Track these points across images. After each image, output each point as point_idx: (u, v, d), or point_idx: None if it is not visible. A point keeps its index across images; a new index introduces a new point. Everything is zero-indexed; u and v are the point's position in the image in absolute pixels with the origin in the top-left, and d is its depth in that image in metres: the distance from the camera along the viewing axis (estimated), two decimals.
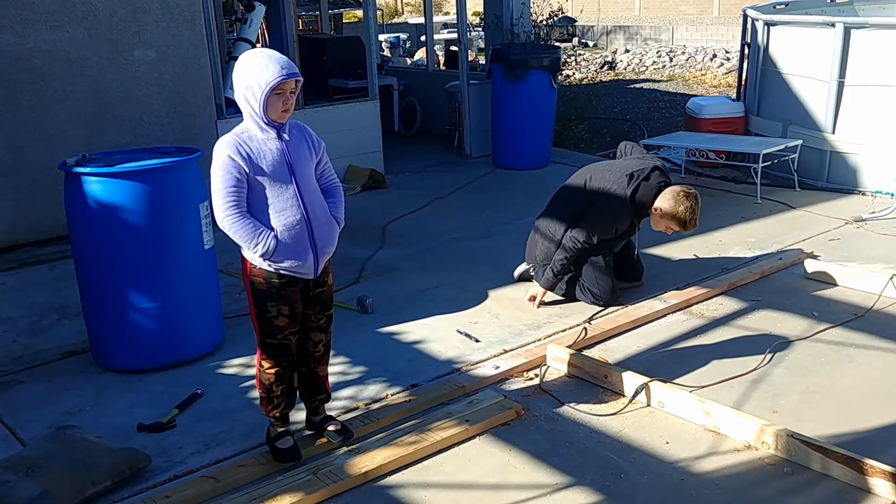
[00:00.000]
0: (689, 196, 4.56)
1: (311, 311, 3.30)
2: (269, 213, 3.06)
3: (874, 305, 4.64)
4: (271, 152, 3.05)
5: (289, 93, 3.00)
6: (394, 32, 20.47)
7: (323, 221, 3.17)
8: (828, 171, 7.24)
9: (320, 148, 3.23)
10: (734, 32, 22.54)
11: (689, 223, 4.57)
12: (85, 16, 6.06)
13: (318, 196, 3.19)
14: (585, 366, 3.95)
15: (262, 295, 3.15)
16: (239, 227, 3.01)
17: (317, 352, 3.39)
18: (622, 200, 4.62)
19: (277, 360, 3.22)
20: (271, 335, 3.19)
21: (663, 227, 4.67)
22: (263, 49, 3.09)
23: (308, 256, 3.13)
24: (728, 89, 14.23)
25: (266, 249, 3.03)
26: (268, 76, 2.92)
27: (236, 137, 3.03)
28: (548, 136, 8.43)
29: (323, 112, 7.69)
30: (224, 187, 2.99)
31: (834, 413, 3.57)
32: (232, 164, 2.99)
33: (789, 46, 7.71)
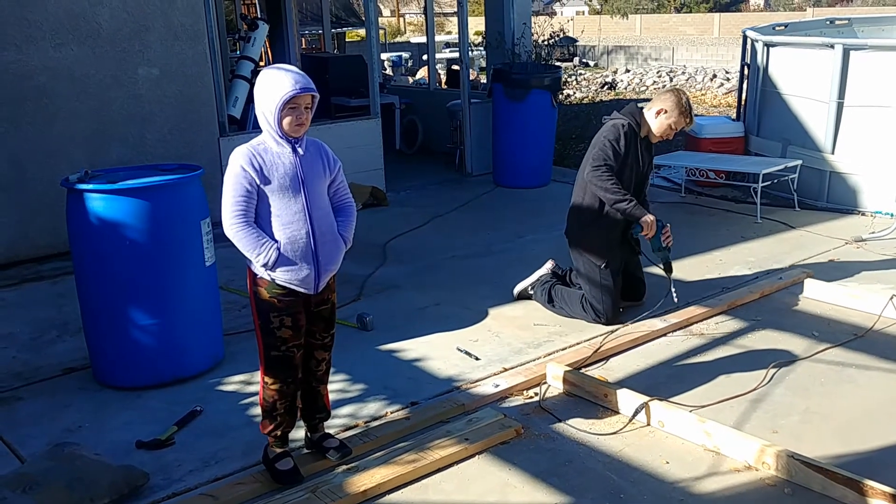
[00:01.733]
0: (678, 90, 4.82)
1: (316, 328, 3.32)
2: (275, 225, 3.10)
3: (874, 326, 4.64)
4: (283, 165, 3.09)
5: (303, 107, 3.05)
6: (396, 51, 20.60)
7: (328, 239, 3.19)
8: (827, 192, 7.27)
9: (336, 166, 3.27)
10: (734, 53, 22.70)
11: (689, 112, 4.74)
12: (89, 34, 6.11)
13: (328, 213, 3.22)
14: (585, 384, 3.95)
15: (265, 305, 3.17)
16: (243, 236, 3.06)
17: (319, 370, 3.40)
18: (613, 125, 4.73)
19: (281, 376, 3.22)
20: (275, 347, 3.20)
21: (666, 127, 4.73)
22: (282, 65, 3.16)
23: (309, 271, 3.15)
24: (728, 109, 14.31)
25: (267, 260, 3.07)
26: (281, 90, 2.98)
27: (251, 149, 3.10)
28: (548, 155, 8.47)
29: (325, 129, 7.71)
30: (233, 196, 3.05)
31: (834, 434, 3.57)
32: (243, 175, 3.05)
33: (789, 67, 7.76)
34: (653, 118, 4.74)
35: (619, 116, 4.79)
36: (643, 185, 4.90)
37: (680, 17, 43.66)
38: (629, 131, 4.69)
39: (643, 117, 4.77)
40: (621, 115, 4.79)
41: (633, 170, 4.74)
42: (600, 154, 4.66)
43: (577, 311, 4.86)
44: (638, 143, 4.75)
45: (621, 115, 4.79)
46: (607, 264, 4.74)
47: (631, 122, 4.72)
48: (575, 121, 10.75)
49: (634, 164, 4.74)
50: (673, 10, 47.74)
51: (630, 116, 4.76)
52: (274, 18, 10.36)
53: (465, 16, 8.83)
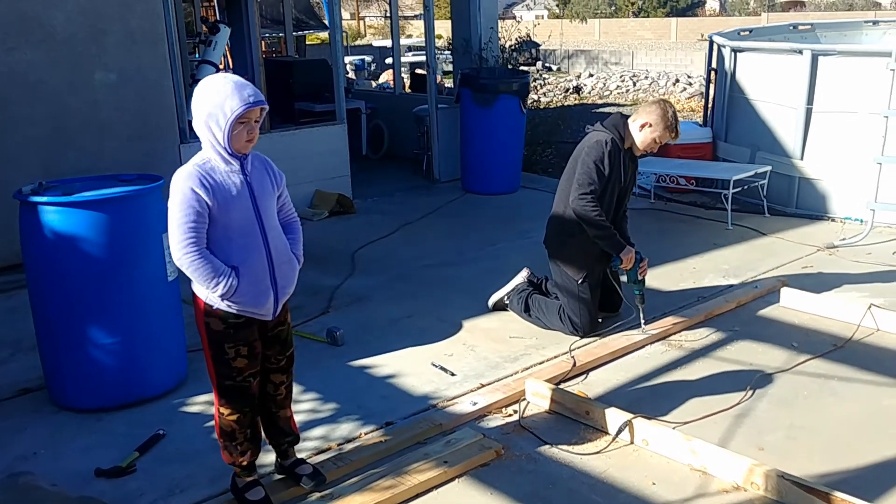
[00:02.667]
0: (664, 102, 4.65)
1: (271, 351, 3.12)
2: (229, 250, 2.87)
3: (853, 336, 4.59)
4: (235, 186, 2.86)
5: (254, 121, 2.84)
6: (358, 55, 20.39)
7: (284, 260, 3.00)
8: (797, 197, 7.25)
9: (281, 181, 3.05)
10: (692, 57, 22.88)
11: (675, 125, 4.57)
12: (43, 38, 5.86)
13: (280, 233, 3.03)
14: (566, 401, 3.83)
15: (218, 336, 2.95)
16: (198, 266, 2.81)
17: (278, 394, 3.20)
18: (597, 142, 4.57)
19: (238, 405, 3.03)
20: (229, 377, 2.99)
21: (650, 141, 4.60)
22: (226, 74, 2.95)
23: (269, 297, 2.96)
24: (692, 114, 14.35)
25: (227, 289, 2.85)
26: (233, 104, 2.75)
27: (199, 168, 2.83)
28: (517, 161, 8.36)
29: (289, 136, 7.54)
30: (185, 222, 2.79)
31: (821, 450, 3.49)
32: (194, 198, 2.78)
33: (757, 73, 7.75)
34: (637, 131, 4.61)
35: (602, 130, 4.64)
36: (624, 198, 4.79)
37: (637, 22, 43.98)
38: (613, 148, 4.55)
39: (627, 130, 4.63)
40: (605, 129, 4.64)
41: (616, 185, 4.62)
42: (585, 179, 4.51)
43: (555, 322, 4.74)
44: (622, 157, 4.61)
45: (605, 129, 4.64)
46: (585, 278, 4.63)
47: (615, 137, 4.58)
48: (542, 126, 10.66)
49: (617, 180, 4.62)
50: (631, 14, 48.08)
51: (614, 130, 4.62)
52: (234, 21, 10.13)
53: (432, 20, 8.69)
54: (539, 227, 4.99)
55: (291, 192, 7.91)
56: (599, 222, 4.53)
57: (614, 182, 4.59)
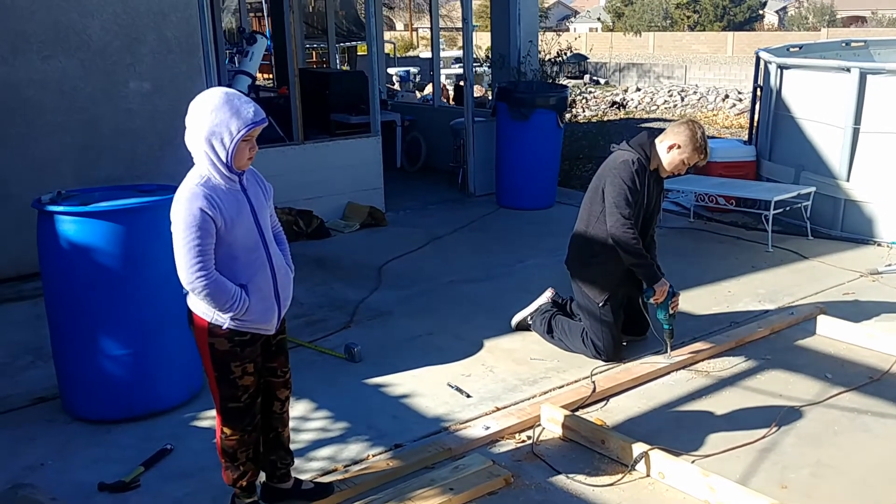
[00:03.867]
0: (693, 123, 4.47)
1: (276, 363, 3.07)
2: (235, 268, 2.82)
3: (891, 368, 4.37)
4: (238, 203, 2.82)
5: (255, 139, 2.81)
6: (405, 66, 20.47)
7: (283, 273, 2.98)
8: (842, 220, 7.00)
9: (271, 192, 3.02)
10: (747, 72, 22.48)
11: (705, 147, 4.42)
12: (79, 46, 5.92)
13: (276, 245, 3.01)
14: (581, 429, 3.70)
15: (224, 357, 2.88)
16: (212, 290, 2.74)
17: (284, 413, 3.15)
18: (623, 162, 4.42)
19: (241, 425, 2.97)
20: (235, 398, 2.93)
21: (678, 163, 4.44)
22: (225, 89, 2.82)
23: (274, 311, 2.93)
24: (740, 130, 14.07)
25: (240, 309, 2.80)
26: (238, 123, 2.70)
27: (203, 188, 2.75)
28: (553, 176, 8.23)
29: (324, 147, 7.53)
30: (194, 245, 2.71)
31: (848, 490, 3.31)
32: (203, 219, 2.70)
33: (803, 90, 7.51)
34: (665, 153, 4.44)
35: (628, 149, 4.48)
36: (651, 221, 4.63)
37: (693, 36, 43.49)
38: (639, 167, 4.39)
39: (654, 150, 4.46)
40: (630, 149, 4.47)
41: (641, 207, 4.47)
42: (621, 201, 4.34)
43: (578, 345, 4.61)
44: (647, 177, 4.45)
45: (630, 149, 4.47)
46: (607, 301, 4.48)
47: (640, 157, 4.42)
48: (582, 140, 10.50)
49: (643, 201, 4.47)
50: (686, 28, 47.57)
51: (640, 150, 4.45)
52: (280, 32, 10.20)
53: (470, 33, 8.63)
54: None
55: (325, 204, 7.96)
56: (638, 250, 4.38)
57: (640, 204, 4.45)
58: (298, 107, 7.33)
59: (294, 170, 7.15)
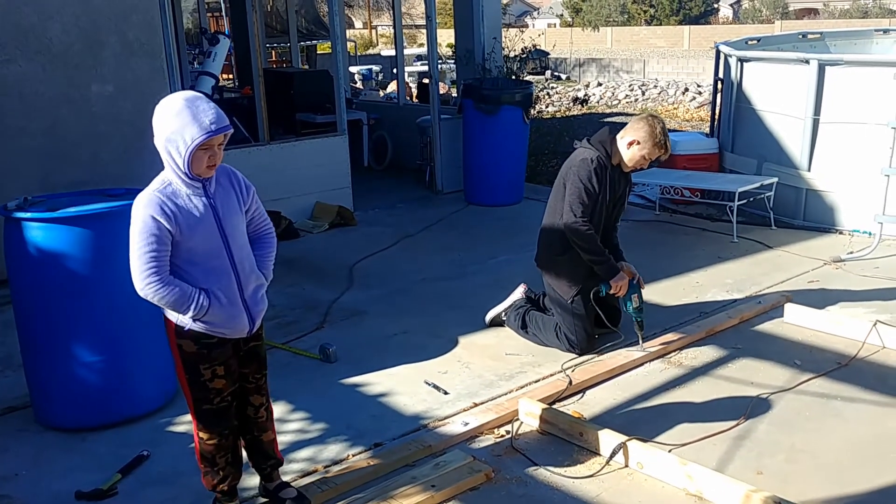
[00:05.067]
0: (653, 118, 4.51)
1: (248, 369, 3.04)
2: (195, 274, 2.79)
3: (858, 354, 4.47)
4: (197, 209, 2.77)
5: (216, 146, 2.74)
6: (367, 64, 20.39)
7: (252, 279, 2.93)
8: (804, 210, 7.13)
9: (249, 194, 2.95)
10: (704, 65, 22.74)
11: (665, 142, 4.45)
12: (39, 50, 5.82)
13: (249, 252, 2.95)
14: (559, 422, 3.73)
15: (192, 358, 2.87)
16: (163, 294, 2.74)
17: (259, 417, 3.12)
18: (582, 160, 4.47)
19: (217, 429, 2.95)
20: (207, 401, 2.91)
21: (639, 158, 4.48)
22: (188, 94, 2.77)
23: (242, 317, 2.89)
24: (700, 123, 14.22)
25: (198, 311, 2.78)
26: (193, 132, 2.65)
27: (159, 194, 2.74)
28: (520, 172, 8.28)
29: (290, 147, 7.49)
30: (146, 252, 2.70)
31: (822, 474, 3.37)
32: (155, 226, 2.70)
33: (763, 83, 7.63)
34: (625, 148, 4.50)
35: (588, 147, 4.54)
36: (613, 214, 4.69)
37: (650, 30, 43.88)
38: (598, 166, 4.45)
39: (615, 146, 4.52)
40: (590, 146, 4.53)
41: (604, 202, 4.53)
42: (576, 200, 4.41)
43: (552, 339, 4.65)
44: (608, 173, 4.50)
45: (590, 146, 4.53)
46: (576, 295, 4.53)
47: (601, 155, 4.48)
48: (548, 136, 10.58)
49: (606, 197, 4.52)
50: (643, 22, 47.97)
51: (600, 147, 4.51)
52: (240, 32, 10.11)
53: (434, 30, 8.63)
54: None
55: (293, 204, 7.85)
56: (594, 247, 4.44)
57: (602, 199, 4.51)
58: (263, 107, 7.29)
59: (260, 171, 7.06)
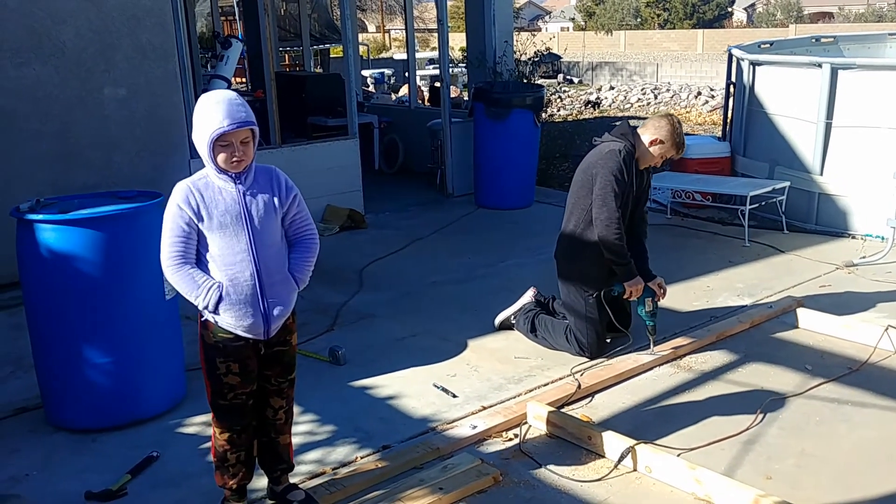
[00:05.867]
0: (672, 118, 4.57)
1: (271, 372, 3.06)
2: (215, 266, 2.86)
3: (869, 359, 4.44)
4: (224, 202, 2.84)
5: (238, 143, 2.78)
6: (379, 68, 20.43)
7: (277, 280, 2.93)
8: (816, 214, 7.09)
9: (290, 196, 2.97)
10: (718, 69, 22.68)
11: (683, 143, 4.51)
12: (52, 53, 5.87)
13: (279, 251, 2.96)
14: (568, 426, 3.72)
15: (210, 350, 2.93)
16: (180, 278, 2.84)
17: (277, 419, 3.13)
18: (610, 152, 4.43)
19: (230, 425, 2.98)
20: (221, 395, 2.96)
21: (659, 157, 4.51)
22: (221, 92, 2.86)
23: (256, 317, 2.89)
24: (713, 127, 14.20)
25: (207, 302, 2.84)
26: (210, 126, 2.74)
27: (190, 185, 2.85)
28: (531, 175, 8.27)
29: (301, 150, 7.51)
30: (171, 236, 2.85)
31: (832, 479, 3.36)
32: (179, 214, 2.82)
33: (776, 86, 7.61)
34: (647, 146, 4.47)
35: (613, 140, 4.50)
36: (638, 207, 4.63)
37: (664, 34, 43.80)
38: (627, 155, 4.41)
39: (638, 140, 4.50)
40: (616, 138, 4.50)
41: (628, 197, 4.49)
42: (609, 195, 4.35)
43: (561, 342, 4.64)
44: (633, 167, 4.48)
45: (616, 138, 4.50)
46: (594, 296, 4.51)
47: (627, 146, 4.45)
48: (559, 139, 10.57)
49: (631, 189, 4.48)
50: (657, 26, 47.90)
51: (625, 139, 4.47)
52: (253, 36, 10.16)
53: (446, 34, 8.64)
54: (551, 243, 4.88)
55: None
56: (621, 251, 4.41)
57: (629, 191, 4.47)
58: (275, 110, 7.32)
59: None
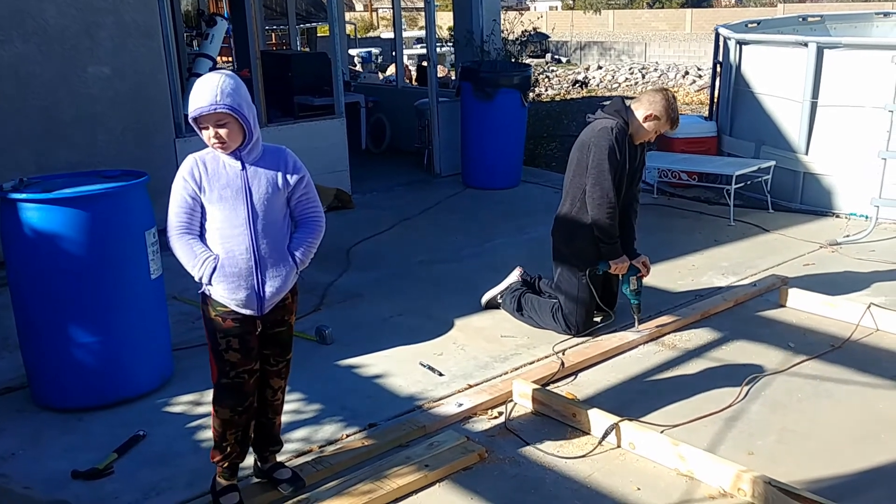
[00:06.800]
0: (667, 92, 4.56)
1: (270, 351, 3.09)
2: (215, 238, 2.89)
3: (851, 336, 4.49)
4: (227, 175, 2.87)
5: (214, 123, 2.79)
6: (367, 47, 20.30)
7: (274, 257, 2.94)
8: (801, 193, 7.13)
9: (296, 177, 2.97)
10: (706, 49, 22.66)
11: (677, 118, 4.51)
12: (35, 31, 5.81)
13: (279, 229, 2.96)
14: (553, 403, 3.75)
15: (211, 325, 2.96)
16: (180, 246, 2.89)
17: (275, 401, 3.18)
18: (603, 129, 4.42)
19: (229, 403, 2.99)
20: (224, 373, 2.98)
21: (654, 132, 4.51)
22: (209, 75, 2.86)
23: (250, 294, 2.91)
24: (700, 107, 14.20)
25: (202, 273, 2.87)
26: (189, 106, 2.81)
27: (197, 158, 2.90)
28: (518, 155, 8.27)
29: (287, 130, 7.47)
30: (176, 207, 2.88)
31: (812, 455, 3.40)
32: (184, 187, 2.87)
33: (762, 66, 7.62)
34: (642, 121, 4.46)
35: (606, 117, 4.49)
36: (633, 183, 4.63)
37: (652, 13, 43.66)
38: (619, 132, 4.40)
39: (631, 116, 4.48)
40: (609, 115, 4.48)
41: (623, 174, 4.49)
42: (603, 174, 4.36)
43: (548, 321, 4.66)
44: (627, 143, 4.47)
45: (609, 115, 4.48)
46: (586, 277, 4.52)
47: (619, 122, 4.43)
48: (546, 119, 10.55)
49: (625, 165, 4.47)
50: (645, 5, 47.72)
51: (618, 116, 4.46)
52: (239, 14, 10.07)
53: (433, 12, 8.60)
54: (538, 223, 4.91)
55: None
56: (611, 230, 4.43)
57: (622, 168, 4.47)
58: (261, 89, 7.27)
59: None
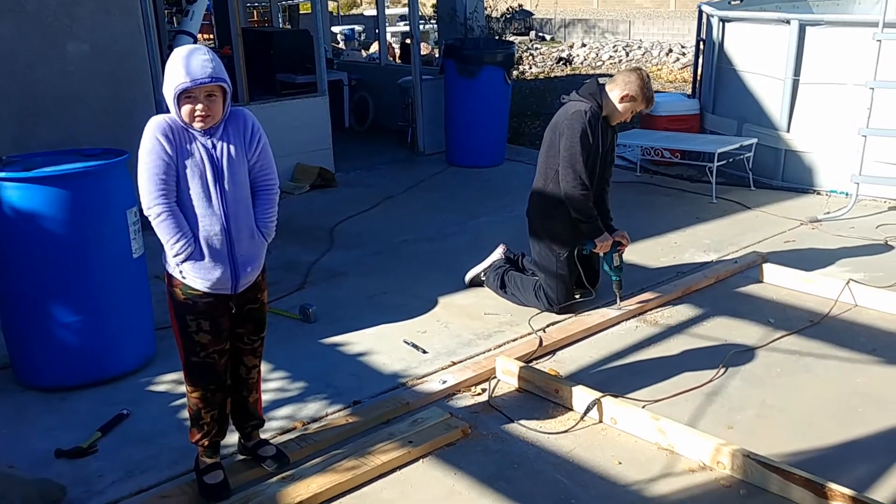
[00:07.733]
0: (641, 71, 4.55)
1: (243, 330, 3.06)
2: (187, 216, 2.79)
3: (830, 311, 4.54)
4: (197, 150, 2.77)
5: (203, 97, 2.71)
6: (350, 24, 20.14)
7: (245, 235, 2.90)
8: (783, 170, 7.17)
9: (257, 143, 2.87)
10: (690, 27, 22.62)
11: (652, 96, 4.54)
12: (11, 8, 5.72)
13: (248, 206, 2.91)
14: (536, 380, 3.78)
15: (180, 307, 2.90)
16: (164, 219, 2.74)
17: (250, 378, 3.16)
18: (575, 113, 4.42)
19: (202, 383, 2.98)
20: (193, 352, 2.94)
21: (630, 112, 4.52)
22: (191, 46, 2.78)
23: (222, 271, 2.85)
24: (684, 84, 14.20)
25: (184, 251, 2.77)
26: (175, 79, 2.67)
27: (167, 119, 2.74)
28: (502, 133, 8.26)
29: (269, 108, 7.43)
30: (154, 173, 2.70)
31: (791, 428, 3.45)
32: (160, 148, 2.70)
33: (745, 43, 7.63)
34: (617, 102, 4.46)
35: (579, 100, 4.49)
36: (606, 167, 4.64)
37: None
38: (592, 116, 4.41)
39: (606, 98, 4.50)
40: (582, 98, 4.48)
41: (597, 156, 4.50)
42: (574, 160, 4.36)
43: (530, 298, 4.68)
44: (600, 126, 4.47)
45: (582, 98, 4.48)
46: (566, 254, 4.55)
47: (593, 106, 4.44)
48: (530, 97, 10.56)
49: (598, 149, 4.48)
50: None
51: (592, 99, 4.46)
52: None
53: None
54: (521, 201, 4.90)
55: None
56: (588, 208, 4.44)
57: (595, 152, 4.49)
58: (242, 67, 7.22)
59: None
